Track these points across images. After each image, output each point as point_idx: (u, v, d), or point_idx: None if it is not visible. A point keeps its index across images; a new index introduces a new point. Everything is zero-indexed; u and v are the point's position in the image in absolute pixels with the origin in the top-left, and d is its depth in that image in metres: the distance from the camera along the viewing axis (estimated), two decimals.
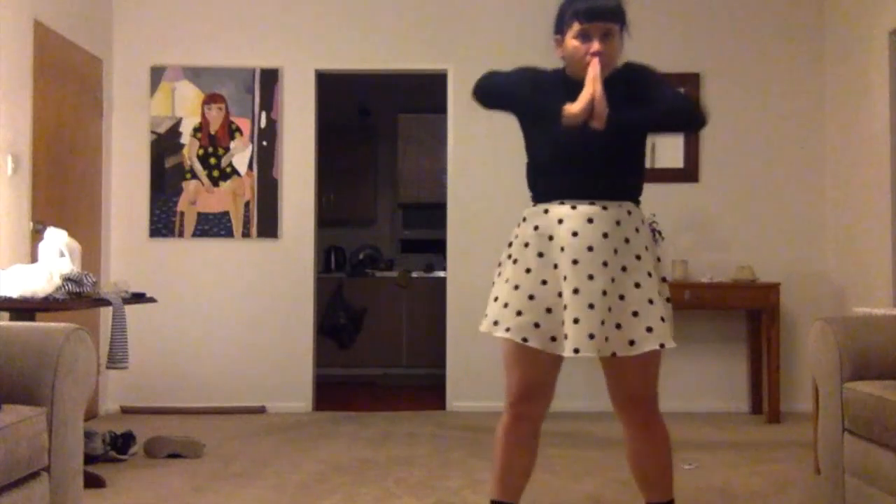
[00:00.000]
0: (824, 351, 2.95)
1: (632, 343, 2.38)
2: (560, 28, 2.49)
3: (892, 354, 2.86)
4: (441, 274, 7.03)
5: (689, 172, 5.68)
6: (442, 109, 5.83)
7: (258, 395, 5.62)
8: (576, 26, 2.43)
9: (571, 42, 2.44)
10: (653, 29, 5.56)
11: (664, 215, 5.37)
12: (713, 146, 5.70)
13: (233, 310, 5.66)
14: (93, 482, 3.47)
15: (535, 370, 2.49)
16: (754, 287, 5.31)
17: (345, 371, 7.35)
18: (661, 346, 2.38)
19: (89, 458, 3.63)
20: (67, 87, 5.02)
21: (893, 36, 4.81)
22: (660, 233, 5.26)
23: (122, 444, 4.10)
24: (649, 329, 2.37)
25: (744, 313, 5.64)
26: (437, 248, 7.46)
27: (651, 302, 2.40)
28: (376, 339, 7.52)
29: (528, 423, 2.53)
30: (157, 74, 5.68)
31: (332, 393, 6.24)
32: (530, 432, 2.55)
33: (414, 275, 7.67)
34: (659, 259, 2.55)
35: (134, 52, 5.69)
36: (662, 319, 2.40)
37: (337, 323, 7.41)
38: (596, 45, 2.39)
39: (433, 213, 7.46)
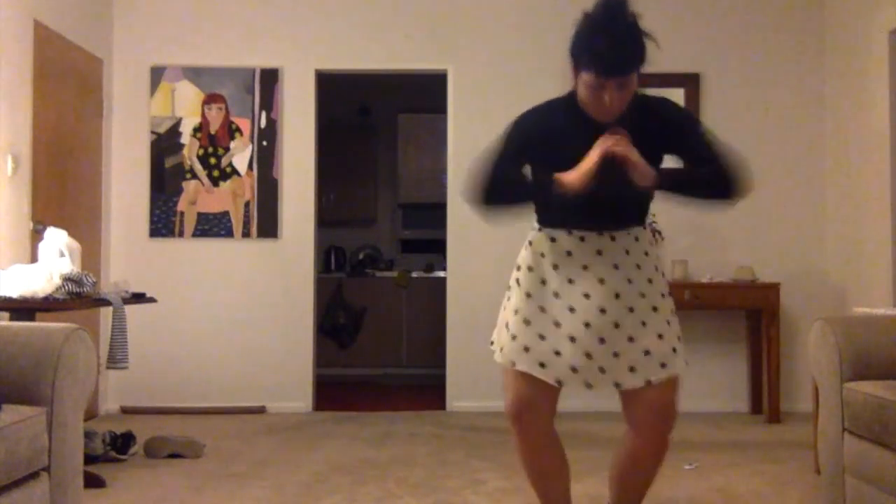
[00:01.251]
0: (824, 351, 2.95)
1: (648, 383, 2.39)
2: (574, 59, 2.27)
3: (893, 354, 2.86)
4: (441, 274, 7.03)
5: None
6: (442, 109, 5.83)
7: (258, 395, 5.62)
8: (589, 76, 2.20)
9: (582, 86, 2.25)
10: (653, 29, 5.55)
11: (664, 215, 5.36)
12: None
13: (233, 310, 5.65)
14: (93, 482, 3.47)
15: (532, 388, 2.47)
16: (754, 287, 5.31)
17: (345, 371, 7.35)
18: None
19: (89, 458, 3.63)
20: (67, 87, 5.02)
21: (893, 36, 4.80)
22: (660, 233, 5.26)
23: (122, 444, 4.10)
24: (663, 365, 2.39)
25: (744, 313, 5.64)
26: (437, 248, 7.45)
27: (661, 337, 2.40)
28: (376, 339, 7.52)
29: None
30: (157, 74, 5.68)
31: (332, 393, 6.24)
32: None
33: (414, 275, 7.67)
34: (663, 274, 2.55)
35: (134, 52, 5.69)
36: (674, 350, 2.41)
37: (337, 323, 7.41)
38: (607, 99, 2.21)
39: (433, 213, 7.46)
